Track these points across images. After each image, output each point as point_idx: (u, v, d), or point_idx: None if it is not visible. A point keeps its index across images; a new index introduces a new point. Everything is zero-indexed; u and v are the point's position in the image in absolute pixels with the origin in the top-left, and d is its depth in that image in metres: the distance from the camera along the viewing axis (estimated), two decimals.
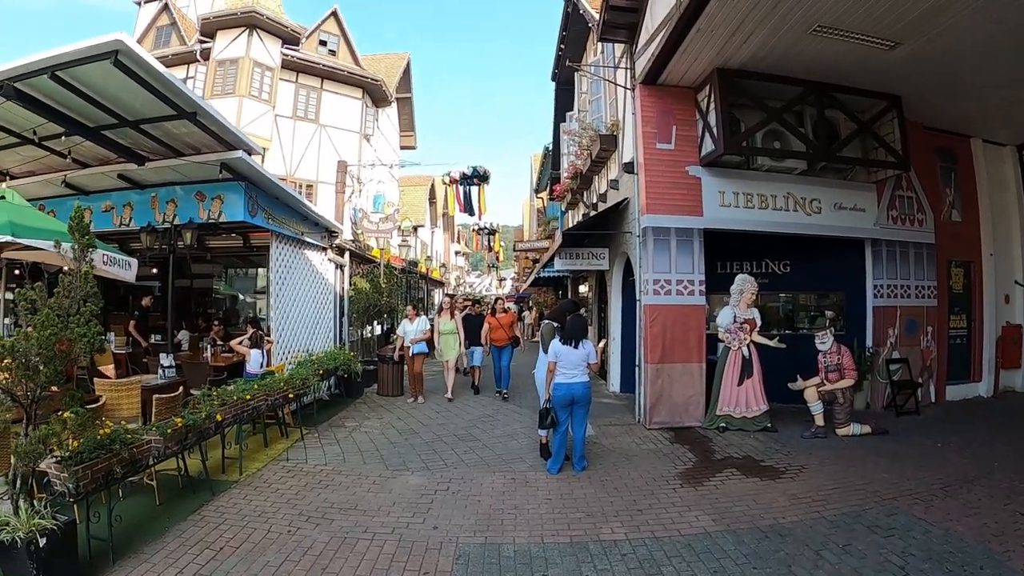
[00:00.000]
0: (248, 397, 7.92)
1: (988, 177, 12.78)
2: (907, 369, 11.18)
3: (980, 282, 12.51)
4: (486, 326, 13.82)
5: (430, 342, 13.28)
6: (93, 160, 9.93)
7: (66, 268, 5.33)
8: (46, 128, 8.27)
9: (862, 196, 11.14)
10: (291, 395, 9.21)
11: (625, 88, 11.46)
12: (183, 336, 14.21)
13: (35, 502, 4.70)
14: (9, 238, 6.69)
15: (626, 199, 11.67)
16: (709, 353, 10.39)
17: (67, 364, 4.98)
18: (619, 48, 12.31)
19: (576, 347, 7.71)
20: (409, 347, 12.80)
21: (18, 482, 4.74)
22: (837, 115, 10.42)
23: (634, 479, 7.47)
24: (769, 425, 9.71)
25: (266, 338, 10.60)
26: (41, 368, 4.75)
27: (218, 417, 7.11)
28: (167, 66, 21.13)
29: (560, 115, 20.20)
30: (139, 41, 22.98)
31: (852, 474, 7.53)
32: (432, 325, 13.48)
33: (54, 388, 5.19)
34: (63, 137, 8.39)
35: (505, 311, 14.16)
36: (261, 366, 10.03)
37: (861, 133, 10.48)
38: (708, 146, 10.19)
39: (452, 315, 13.65)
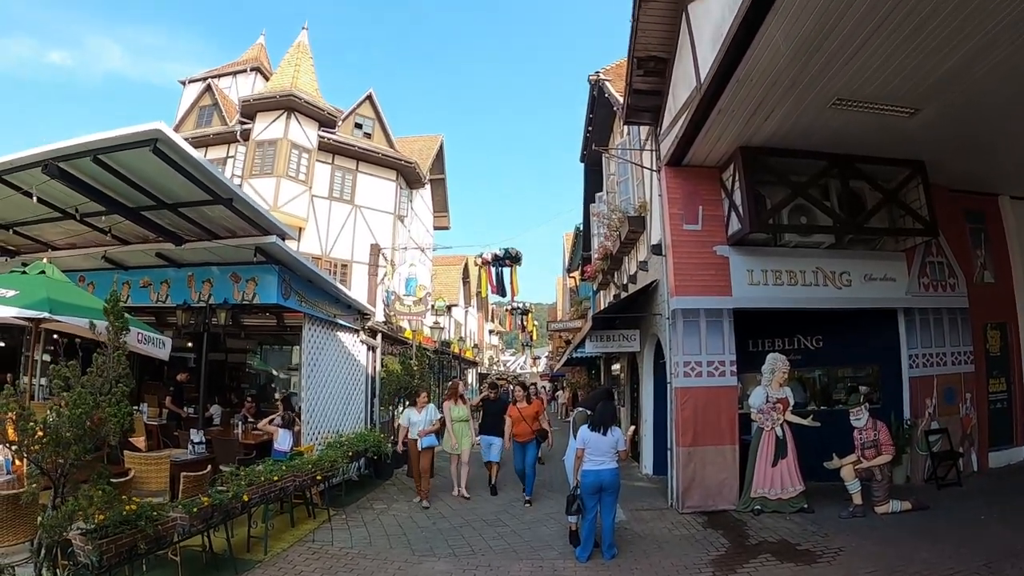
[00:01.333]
0: (276, 478, 7.92)
1: (1019, 233, 12.55)
2: (947, 439, 10.78)
3: (1017, 342, 12.16)
4: (508, 419, 11.33)
5: (440, 433, 11.70)
6: (133, 237, 10.21)
7: (100, 343, 5.47)
8: (87, 206, 8.58)
9: (892, 265, 11.04)
10: (319, 477, 9.19)
11: (651, 170, 11.63)
12: (215, 410, 14.34)
13: (58, 571, 4.75)
14: (47, 314, 6.88)
15: (655, 281, 11.70)
16: (742, 433, 10.19)
17: (96, 442, 5.08)
18: (644, 130, 12.55)
19: (605, 434, 7.61)
20: (416, 440, 11.08)
21: (42, 551, 4.83)
22: (862, 186, 10.41)
23: (665, 568, 7.27)
24: (806, 506, 9.43)
25: (296, 419, 10.66)
26: (72, 444, 4.84)
27: (244, 497, 7.11)
28: (208, 145, 22.50)
29: (590, 196, 20.44)
30: (182, 120, 24.15)
31: (891, 556, 7.26)
32: (443, 415, 11.70)
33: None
34: (103, 216, 8.67)
35: (529, 401, 11.40)
36: (290, 447, 10.06)
37: (887, 202, 10.42)
38: (735, 225, 10.24)
39: (462, 400, 11.93)
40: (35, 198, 8.06)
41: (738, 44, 7.04)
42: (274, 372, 20.63)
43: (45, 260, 8.62)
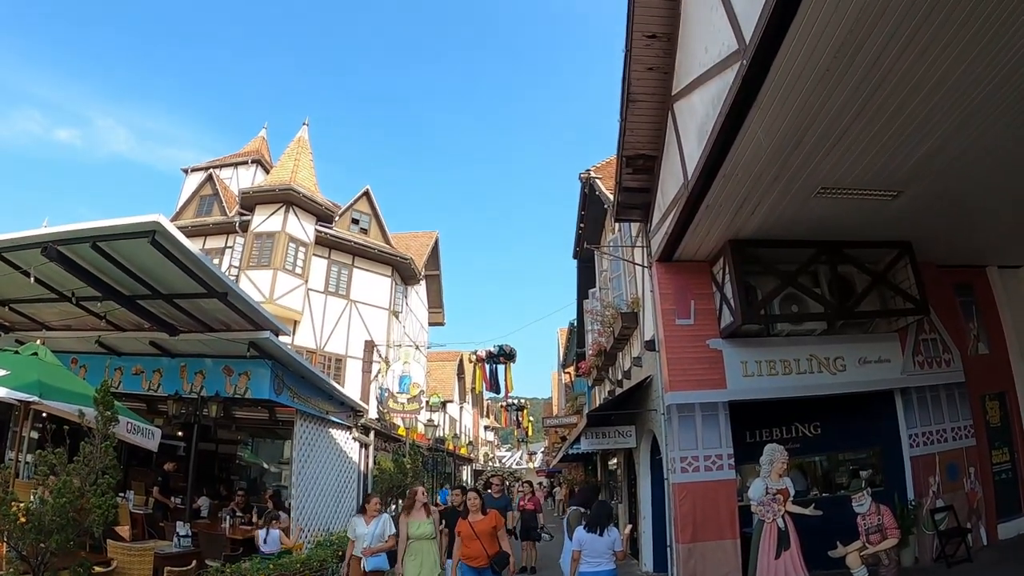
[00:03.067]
0: None
1: (1009, 302, 12.50)
2: (953, 516, 10.48)
3: (1017, 410, 11.92)
4: (457, 537, 8.22)
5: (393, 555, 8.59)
6: (127, 324, 10.29)
7: (88, 429, 5.45)
8: (84, 290, 8.71)
9: (885, 347, 10.98)
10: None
11: (642, 266, 11.76)
12: (203, 502, 13.99)
13: None
14: (36, 398, 6.84)
15: (649, 376, 11.69)
16: (743, 526, 9.94)
17: (79, 532, 4.99)
18: (635, 227, 12.73)
19: (601, 535, 7.26)
20: (360, 560, 8.51)
21: None
22: (850, 270, 10.45)
23: None
24: None
25: (274, 521, 10.34)
26: (54, 533, 4.75)
27: None
28: (207, 234, 22.81)
29: (583, 292, 20.54)
30: (183, 208, 24.59)
31: None
32: (397, 529, 8.52)
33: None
34: (99, 302, 8.73)
35: (484, 512, 8.20)
36: (271, 543, 9.81)
37: (876, 285, 10.47)
38: (727, 318, 10.28)
39: (425, 511, 8.38)
40: (32, 278, 8.14)
41: (722, 141, 7.22)
42: (265, 465, 20.25)
43: (39, 341, 8.65)
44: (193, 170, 28.34)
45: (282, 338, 9.88)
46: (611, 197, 12.91)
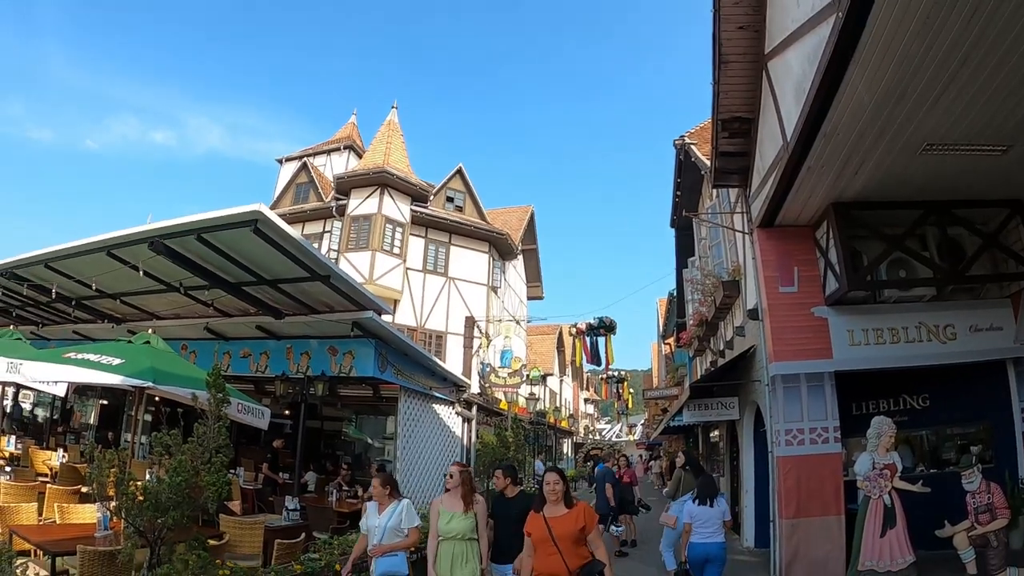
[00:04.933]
0: None
1: None
2: None
3: None
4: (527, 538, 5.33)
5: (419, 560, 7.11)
6: (234, 310, 10.66)
7: (201, 411, 5.68)
8: (191, 280, 9.06)
9: (997, 314, 10.24)
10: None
11: (743, 233, 11.45)
12: (310, 477, 14.40)
13: None
14: (151, 384, 7.19)
15: (753, 346, 11.41)
16: (848, 502, 9.62)
17: (194, 508, 5.23)
18: (734, 193, 12.40)
19: (712, 505, 7.63)
20: (371, 561, 6.22)
21: None
22: (960, 231, 9.89)
23: None
24: None
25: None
26: (171, 510, 5.00)
27: (337, 567, 7.13)
28: (305, 220, 23.43)
29: (682, 261, 20.14)
30: (279, 197, 25.39)
31: None
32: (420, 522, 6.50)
33: None
34: (206, 290, 9.08)
35: (569, 503, 5.28)
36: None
37: (987, 247, 9.82)
38: (832, 285, 9.89)
39: (469, 503, 6.05)
40: (141, 272, 8.51)
41: (821, 98, 6.90)
42: (369, 440, 20.84)
43: (150, 331, 9.04)
44: (287, 160, 29.17)
45: (384, 317, 10.05)
46: (707, 163, 12.64)
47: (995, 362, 10.30)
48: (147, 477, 5.36)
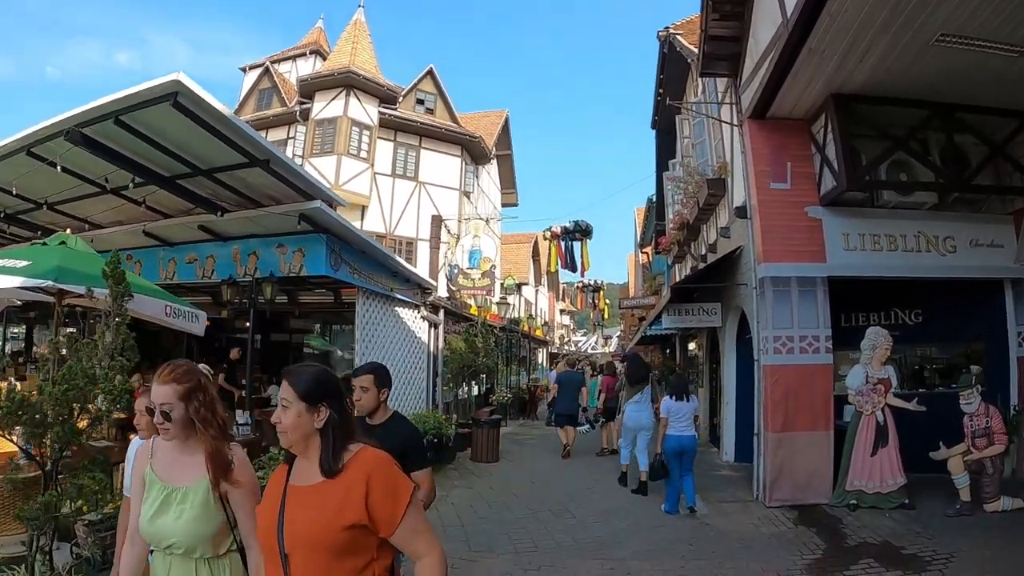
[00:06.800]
0: None
1: None
2: None
3: None
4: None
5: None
6: (173, 211, 9.77)
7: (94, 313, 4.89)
8: (119, 176, 8.04)
9: (999, 230, 9.60)
10: None
11: (732, 124, 10.60)
12: (273, 391, 13.73)
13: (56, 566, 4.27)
14: (51, 283, 6.27)
15: (739, 247, 10.61)
16: (836, 418, 9.10)
17: (87, 422, 4.43)
18: (721, 84, 11.51)
19: (688, 400, 8.67)
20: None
21: (33, 545, 4.33)
22: (965, 139, 9.13)
23: (753, 572, 6.34)
24: (907, 501, 8.27)
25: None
26: (54, 426, 4.16)
27: None
28: (268, 127, 22.27)
29: (662, 164, 19.21)
30: (242, 104, 24.35)
31: (1006, 561, 6.32)
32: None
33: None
34: (131, 185, 8.09)
35: (336, 461, 2.30)
36: None
37: (993, 158, 9.09)
38: (828, 183, 9.10)
39: (221, 467, 2.68)
40: (59, 167, 7.54)
41: None
42: (340, 352, 20.18)
43: (68, 231, 8.04)
44: (251, 68, 27.65)
45: (353, 223, 9.18)
46: (694, 51, 11.67)
47: (992, 282, 9.75)
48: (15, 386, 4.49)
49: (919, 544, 6.92)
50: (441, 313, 14.20)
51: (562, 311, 60.54)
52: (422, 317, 13.18)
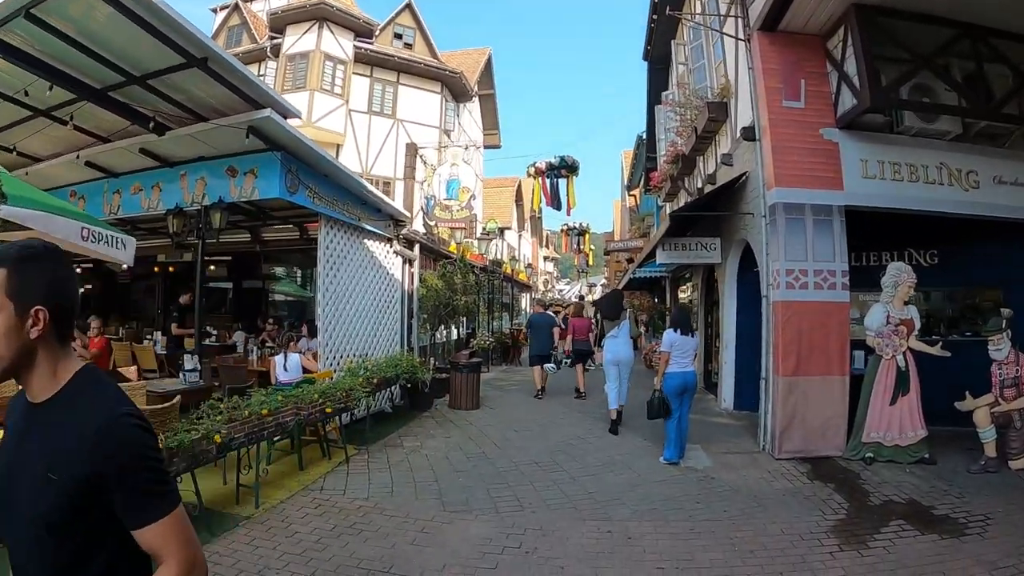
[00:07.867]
0: (265, 412, 6.22)
1: None
2: None
3: None
4: None
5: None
6: (111, 134, 8.64)
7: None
8: (40, 89, 6.84)
9: (1022, 169, 8.71)
10: (329, 409, 7.46)
11: (738, 39, 9.51)
12: (238, 337, 13.03)
13: None
14: None
15: (745, 173, 9.55)
16: (852, 362, 8.26)
17: None
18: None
19: (692, 336, 8.16)
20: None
21: None
22: (993, 68, 8.19)
23: (773, 536, 5.45)
24: (927, 456, 7.49)
25: (291, 343, 8.87)
26: None
27: (216, 439, 5.42)
28: None
29: (654, 98, 18.02)
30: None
31: None
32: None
33: None
34: (48, 92, 6.87)
35: None
36: (292, 370, 8.45)
37: (1022, 88, 8.16)
38: (846, 103, 8.14)
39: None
40: None
41: None
42: (311, 294, 19.17)
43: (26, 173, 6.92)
44: (222, 8, 26.29)
45: (292, 122, 8.02)
46: None
47: (1013, 224, 8.73)
48: None
49: (948, 503, 6.17)
50: (416, 248, 13.08)
51: (546, 258, 59.73)
52: (395, 252, 12.08)
